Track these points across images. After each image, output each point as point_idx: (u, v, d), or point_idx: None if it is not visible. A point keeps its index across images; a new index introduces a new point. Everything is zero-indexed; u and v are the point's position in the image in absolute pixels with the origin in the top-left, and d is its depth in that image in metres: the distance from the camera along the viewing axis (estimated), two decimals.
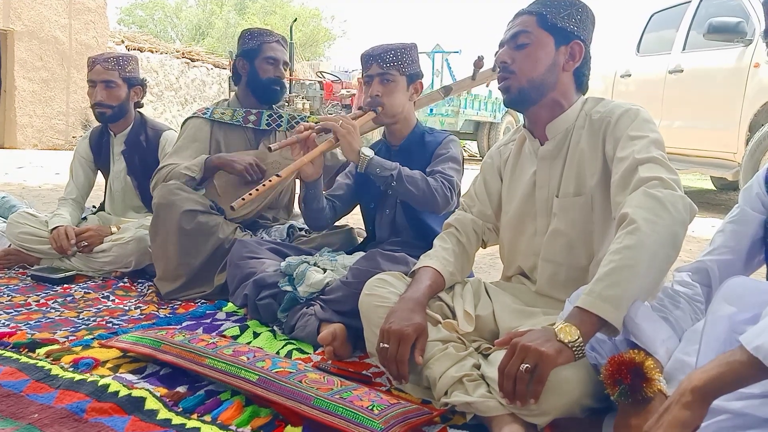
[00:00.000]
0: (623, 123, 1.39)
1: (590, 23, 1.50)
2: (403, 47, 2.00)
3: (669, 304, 1.24)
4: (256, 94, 2.47)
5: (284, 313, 1.85)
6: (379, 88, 1.97)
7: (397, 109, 2.00)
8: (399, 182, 1.84)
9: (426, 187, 1.86)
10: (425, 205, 1.89)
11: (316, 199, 2.02)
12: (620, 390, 1.06)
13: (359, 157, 1.85)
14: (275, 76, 2.43)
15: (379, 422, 1.19)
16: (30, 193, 4.67)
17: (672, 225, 1.19)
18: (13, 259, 2.55)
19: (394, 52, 1.97)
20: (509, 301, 1.54)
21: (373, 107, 1.98)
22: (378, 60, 1.97)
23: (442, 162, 1.97)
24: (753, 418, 0.91)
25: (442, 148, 2.02)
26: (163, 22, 29.99)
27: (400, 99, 2.00)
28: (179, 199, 2.16)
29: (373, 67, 1.98)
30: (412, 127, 2.08)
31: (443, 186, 1.88)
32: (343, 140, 1.86)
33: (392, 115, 2.01)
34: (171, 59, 12.72)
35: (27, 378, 1.45)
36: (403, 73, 1.99)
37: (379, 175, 1.85)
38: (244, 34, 2.47)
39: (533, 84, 1.46)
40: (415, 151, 2.02)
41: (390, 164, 1.87)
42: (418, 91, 2.06)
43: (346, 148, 1.87)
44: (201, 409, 1.34)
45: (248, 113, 2.45)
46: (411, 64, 2.01)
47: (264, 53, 2.41)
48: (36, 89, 9.80)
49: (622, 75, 6.35)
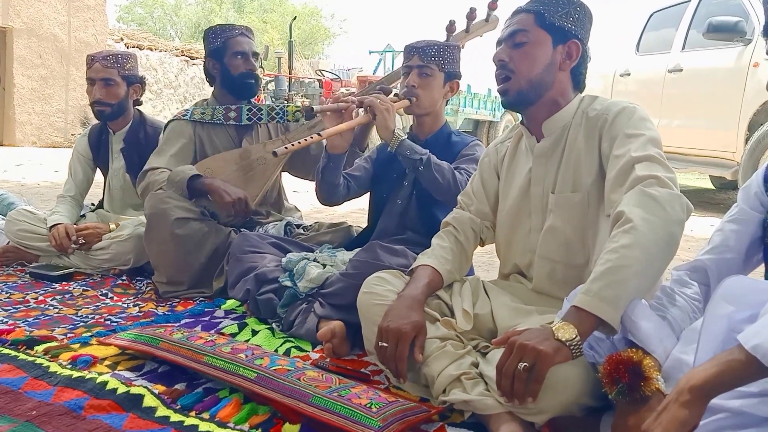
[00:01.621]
0: (620, 121, 1.39)
1: (588, 22, 1.50)
2: (447, 45, 2.03)
3: (667, 303, 1.24)
4: (232, 91, 2.46)
5: (284, 308, 1.85)
6: (417, 79, 2.00)
7: (430, 103, 2.03)
8: (426, 168, 1.87)
9: (452, 178, 1.88)
10: (446, 195, 1.90)
11: (335, 173, 2.02)
12: (618, 389, 1.06)
13: (393, 136, 1.90)
14: (247, 70, 2.41)
15: (378, 420, 1.19)
16: (29, 191, 4.67)
17: (668, 224, 1.19)
18: (11, 256, 2.55)
19: (437, 48, 2.00)
20: (507, 300, 1.54)
21: (408, 96, 2.00)
22: (420, 52, 2.00)
23: (467, 162, 1.99)
24: (751, 417, 0.91)
25: (469, 150, 2.05)
26: (162, 20, 29.96)
27: (435, 94, 2.03)
28: (170, 208, 2.15)
29: (414, 58, 2.01)
30: (441, 125, 2.10)
31: (467, 182, 1.88)
32: (380, 116, 1.91)
33: (424, 108, 2.03)
34: (170, 57, 12.71)
35: (25, 375, 1.45)
36: (442, 69, 2.01)
37: (408, 157, 1.88)
38: (208, 33, 2.45)
39: (531, 84, 1.46)
40: (440, 149, 2.03)
41: (421, 149, 1.90)
42: (453, 90, 2.08)
43: (382, 125, 1.91)
44: (199, 406, 1.34)
45: (228, 110, 2.44)
46: (451, 63, 2.03)
47: (231, 49, 2.39)
48: (35, 87, 9.79)
49: (621, 74, 6.35)
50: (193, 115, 2.43)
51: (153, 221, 2.16)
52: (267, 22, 27.89)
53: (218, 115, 2.42)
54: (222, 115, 2.43)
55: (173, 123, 2.45)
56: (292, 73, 10.49)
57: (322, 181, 2.04)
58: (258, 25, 27.14)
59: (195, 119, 2.42)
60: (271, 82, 10.33)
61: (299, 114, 2.50)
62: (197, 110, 2.45)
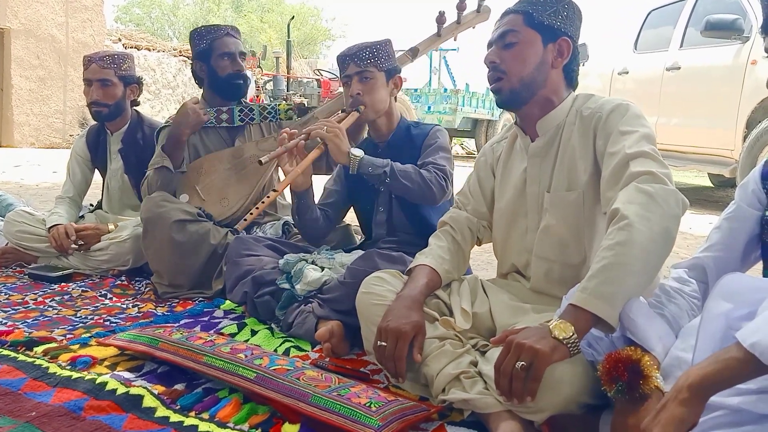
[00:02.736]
0: (614, 118, 1.39)
1: (577, 19, 1.51)
2: (377, 43, 2.00)
3: (666, 301, 1.24)
4: (220, 93, 2.46)
5: (282, 310, 1.85)
6: (359, 86, 1.97)
7: (380, 105, 2.00)
8: (393, 178, 1.84)
9: (420, 180, 1.86)
10: (422, 198, 1.89)
11: (309, 209, 2.02)
12: (617, 387, 1.06)
13: (350, 159, 1.85)
14: (234, 71, 2.41)
15: (377, 419, 1.19)
16: (27, 192, 4.66)
17: (664, 220, 1.19)
18: (10, 257, 2.55)
19: (370, 50, 1.97)
20: (506, 299, 1.55)
21: (356, 107, 1.97)
22: (354, 59, 1.97)
23: (432, 153, 1.96)
24: (750, 414, 0.91)
25: (431, 139, 2.01)
26: (160, 20, 29.94)
27: (382, 95, 2.00)
28: (166, 211, 2.15)
29: (350, 66, 1.98)
30: (397, 122, 2.07)
31: (437, 176, 1.87)
32: (332, 144, 1.86)
33: (375, 112, 2.01)
34: (168, 57, 12.69)
35: (24, 376, 1.45)
36: (381, 69, 1.98)
37: (371, 173, 1.85)
38: (193, 35, 2.45)
39: (523, 83, 1.47)
40: (403, 146, 2.02)
41: (381, 161, 1.87)
42: (398, 85, 2.05)
43: (335, 152, 1.87)
44: (199, 406, 1.34)
45: (219, 112, 2.44)
46: (388, 60, 2.00)
47: (217, 50, 2.38)
48: (33, 87, 9.77)
49: (619, 72, 6.35)
50: None
51: (150, 225, 2.16)
52: (265, 21, 27.87)
53: (210, 118, 2.42)
54: (213, 118, 2.42)
55: (165, 129, 2.45)
56: (291, 73, 10.47)
57: (301, 222, 2.04)
58: (256, 24, 27.14)
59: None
60: (270, 81, 10.32)
61: (291, 112, 2.50)
62: None
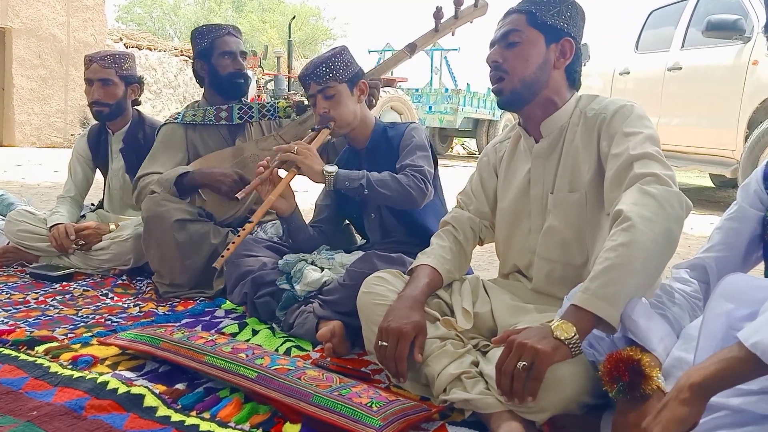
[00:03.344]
0: (618, 120, 1.39)
1: (580, 19, 1.50)
2: (331, 56, 1.96)
3: (667, 301, 1.24)
4: (221, 91, 2.46)
5: (282, 311, 1.85)
6: (324, 104, 1.95)
7: (349, 117, 1.98)
8: (371, 189, 1.83)
9: (398, 186, 1.83)
10: (404, 204, 1.88)
11: (301, 230, 2.02)
12: (618, 387, 1.06)
13: (324, 177, 1.85)
14: (235, 70, 2.41)
15: (378, 419, 1.19)
16: (28, 191, 4.67)
17: (667, 221, 1.19)
18: (11, 256, 2.55)
19: (326, 64, 1.93)
20: (507, 299, 1.55)
21: (325, 124, 1.96)
22: (314, 78, 1.94)
23: (409, 154, 1.93)
24: (751, 415, 0.91)
25: (406, 139, 1.98)
26: (161, 20, 29.96)
27: (349, 107, 1.97)
28: (167, 210, 2.15)
29: (311, 86, 1.95)
30: (372, 126, 2.05)
31: (415, 179, 1.85)
32: (304, 166, 1.85)
33: (347, 124, 1.98)
34: (169, 57, 12.69)
35: (26, 375, 1.45)
36: (341, 80, 1.95)
37: (349, 187, 1.84)
38: (195, 34, 2.45)
39: (525, 83, 1.46)
40: (382, 149, 2.01)
41: (357, 174, 1.85)
42: (363, 91, 2.02)
43: (309, 172, 1.86)
44: (200, 406, 1.34)
45: (219, 110, 2.44)
46: (347, 69, 1.96)
47: (218, 49, 2.39)
48: (34, 87, 9.78)
49: (620, 72, 6.35)
50: (184, 117, 2.43)
51: (151, 224, 2.16)
52: (266, 21, 27.88)
53: (209, 116, 2.42)
54: (213, 116, 2.43)
55: (165, 127, 2.46)
56: (292, 73, 10.47)
57: (295, 243, 2.04)
58: (257, 24, 27.14)
59: (187, 122, 2.42)
60: (271, 81, 10.33)
61: (290, 110, 2.50)
62: (188, 112, 2.45)
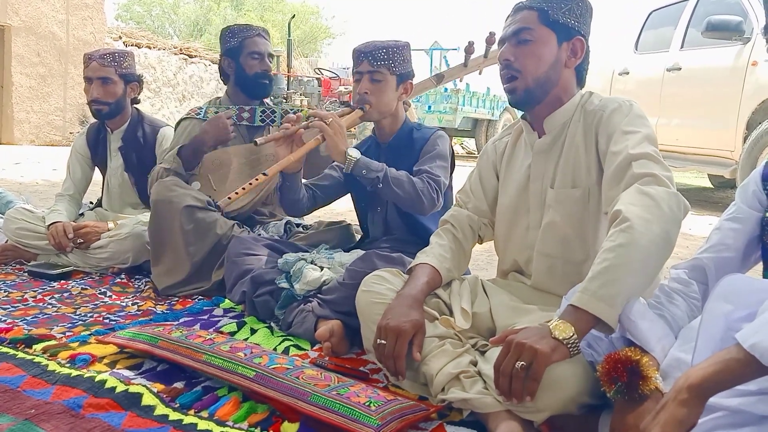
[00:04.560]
0: (616, 118, 1.39)
1: (589, 17, 1.50)
2: (395, 46, 1.96)
3: (666, 302, 1.24)
4: (245, 90, 2.47)
5: (281, 310, 1.85)
6: (368, 86, 1.95)
7: (385, 108, 1.98)
8: (385, 184, 1.82)
9: (412, 189, 1.82)
10: (411, 207, 1.87)
11: (294, 190, 2.01)
12: (617, 387, 1.06)
13: (345, 159, 1.83)
14: (262, 71, 2.43)
15: (376, 418, 1.19)
16: (27, 189, 4.66)
17: (665, 223, 1.19)
18: (9, 254, 2.55)
19: (386, 51, 1.94)
20: (506, 299, 1.54)
21: (361, 105, 1.95)
22: (369, 57, 1.94)
23: (429, 160, 1.93)
24: (749, 416, 0.91)
25: (430, 145, 1.98)
26: (160, 18, 29.90)
27: (389, 98, 1.97)
28: (177, 195, 2.16)
29: (363, 64, 1.95)
30: (401, 124, 2.05)
31: (429, 187, 1.84)
32: (330, 140, 1.83)
33: (380, 113, 1.99)
34: (169, 55, 12.68)
35: (24, 374, 1.45)
36: (393, 72, 1.95)
37: (365, 176, 1.83)
38: (225, 32, 2.46)
39: (538, 83, 1.46)
40: (404, 148, 2.01)
41: (377, 165, 1.84)
42: (407, 91, 2.02)
43: (333, 149, 1.84)
44: (198, 405, 1.34)
45: (241, 110, 2.45)
46: (402, 64, 1.97)
47: (247, 49, 2.41)
48: (33, 85, 9.77)
49: (620, 73, 6.35)
50: (206, 114, 2.45)
51: (159, 208, 2.17)
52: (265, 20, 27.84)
53: (231, 115, 2.43)
54: (235, 115, 2.44)
55: (186, 121, 2.47)
56: (291, 72, 10.47)
57: (282, 199, 2.03)
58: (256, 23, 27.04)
59: (208, 118, 2.43)
60: None
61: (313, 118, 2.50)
62: (211, 109, 2.47)
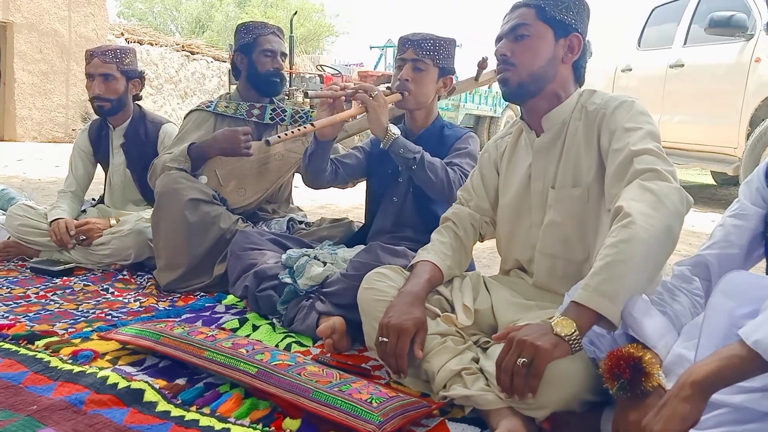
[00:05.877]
0: (618, 115, 1.39)
1: (586, 15, 1.51)
2: (442, 39, 1.99)
3: (668, 298, 1.24)
4: (256, 87, 2.47)
5: (284, 305, 1.85)
6: (410, 73, 1.96)
7: (422, 99, 1.99)
8: (420, 166, 1.83)
9: (445, 176, 1.85)
10: (440, 194, 1.88)
11: (323, 158, 2.01)
12: (619, 384, 1.05)
13: (386, 133, 1.84)
14: (274, 68, 2.43)
15: (378, 415, 1.19)
16: (29, 186, 4.66)
17: (667, 218, 1.18)
18: (12, 251, 2.55)
19: (432, 42, 1.96)
20: (508, 295, 1.54)
21: (401, 90, 1.96)
22: (414, 46, 1.96)
23: (460, 156, 1.95)
24: (753, 412, 0.91)
25: (462, 143, 2.01)
26: (162, 15, 29.90)
27: (428, 89, 1.99)
28: (182, 188, 2.16)
29: (408, 51, 1.97)
30: (433, 119, 2.07)
31: (461, 179, 1.86)
32: (372, 113, 1.85)
33: (416, 103, 2.00)
34: (171, 52, 12.67)
35: (26, 370, 1.45)
36: (436, 64, 1.97)
37: (401, 155, 1.84)
38: (240, 28, 2.47)
39: (533, 77, 1.46)
40: (433, 143, 2.01)
41: (414, 147, 1.86)
42: (446, 86, 2.04)
43: (374, 122, 1.85)
44: (200, 401, 1.34)
45: (252, 107, 2.45)
46: (446, 58, 1.99)
47: (261, 46, 2.41)
48: (36, 82, 9.78)
49: (623, 69, 6.33)
50: (217, 107, 2.45)
51: (163, 200, 2.17)
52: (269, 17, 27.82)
53: (242, 111, 2.44)
54: (245, 111, 2.44)
55: (195, 113, 2.47)
56: (293, 69, 10.46)
57: (309, 165, 2.02)
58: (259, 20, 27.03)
59: (218, 111, 2.44)
60: None
61: None
62: (221, 103, 2.47)
